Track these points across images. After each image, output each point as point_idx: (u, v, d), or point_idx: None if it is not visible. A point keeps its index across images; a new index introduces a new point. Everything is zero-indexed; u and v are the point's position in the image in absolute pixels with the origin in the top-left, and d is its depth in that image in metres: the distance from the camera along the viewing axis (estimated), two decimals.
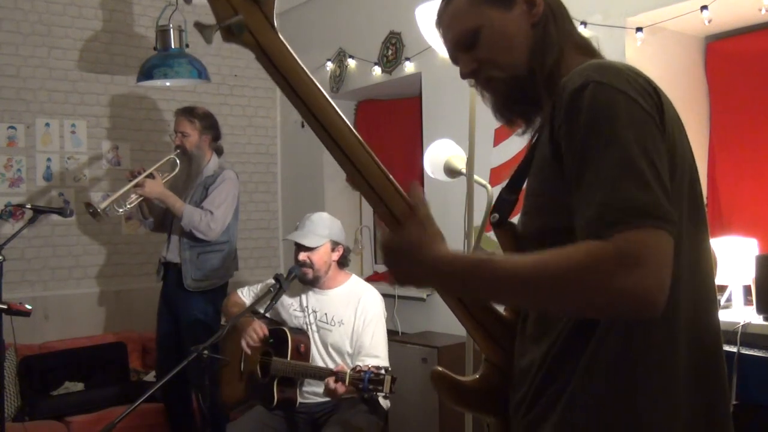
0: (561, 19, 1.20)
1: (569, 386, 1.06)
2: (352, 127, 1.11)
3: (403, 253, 1.08)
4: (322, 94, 1.06)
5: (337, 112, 1.08)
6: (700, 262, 1.09)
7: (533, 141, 1.23)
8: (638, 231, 0.93)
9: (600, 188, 0.97)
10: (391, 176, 1.12)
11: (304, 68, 1.04)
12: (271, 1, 0.99)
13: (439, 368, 1.25)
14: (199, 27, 0.97)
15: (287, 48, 1.01)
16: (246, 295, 3.25)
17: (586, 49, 1.21)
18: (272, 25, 0.99)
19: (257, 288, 3.26)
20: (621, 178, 0.95)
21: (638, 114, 1.00)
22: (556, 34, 1.18)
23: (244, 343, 2.97)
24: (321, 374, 2.78)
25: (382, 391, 2.56)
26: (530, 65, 1.17)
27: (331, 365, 2.91)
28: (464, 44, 1.20)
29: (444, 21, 1.24)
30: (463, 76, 1.24)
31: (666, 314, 1.03)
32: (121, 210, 3.74)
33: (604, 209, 0.95)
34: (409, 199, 1.13)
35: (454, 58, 1.25)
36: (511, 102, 1.20)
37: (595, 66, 1.07)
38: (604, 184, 0.96)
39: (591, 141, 0.99)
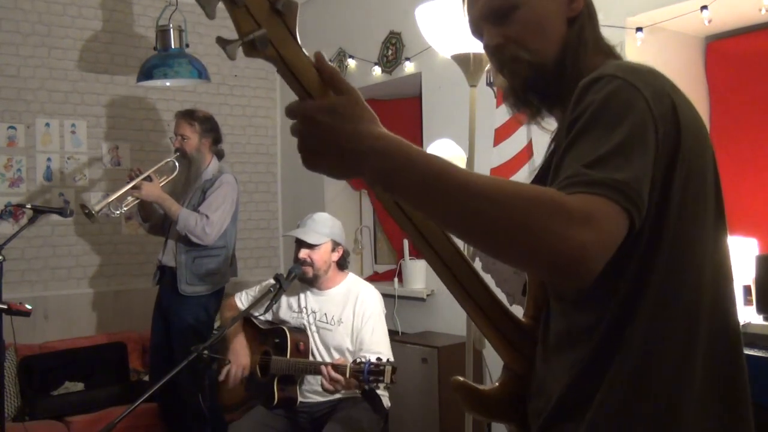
0: (594, 21, 1.20)
1: (594, 401, 1.05)
2: None
3: (334, 125, 0.92)
4: None
5: None
6: (722, 265, 1.09)
7: (551, 148, 1.22)
8: (607, 201, 0.92)
9: (583, 158, 0.96)
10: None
11: None
12: (294, 13, 0.95)
13: (460, 378, 1.22)
14: (222, 43, 0.92)
15: (311, 62, 0.98)
16: (244, 300, 3.24)
17: (611, 54, 1.20)
18: (295, 38, 0.96)
19: (255, 290, 3.26)
20: (609, 159, 0.95)
21: (643, 114, 0.99)
22: (591, 34, 1.17)
23: (223, 374, 2.99)
24: (321, 369, 2.78)
25: (383, 381, 2.56)
26: (561, 59, 1.15)
27: None
28: (496, 16, 1.16)
29: None
30: (486, 48, 1.20)
31: (688, 320, 1.03)
32: (117, 212, 3.73)
33: (580, 173, 0.94)
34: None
35: (478, 28, 1.20)
36: (529, 88, 1.17)
37: (613, 65, 1.06)
38: (589, 156, 0.96)
39: (590, 124, 0.99)
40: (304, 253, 2.99)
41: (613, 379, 1.03)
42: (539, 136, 1.34)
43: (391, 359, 2.76)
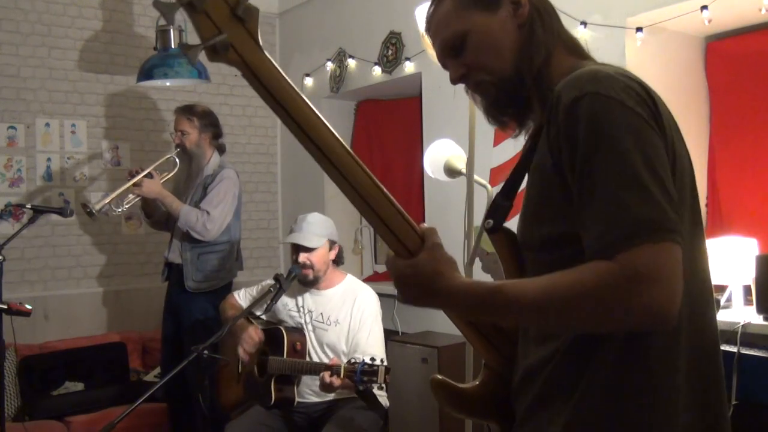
0: (548, 18, 1.20)
1: (577, 390, 1.06)
2: (345, 145, 1.09)
3: (417, 282, 1.07)
4: (313, 111, 1.05)
5: (329, 129, 1.06)
6: (697, 265, 1.10)
7: (527, 147, 1.24)
8: (645, 247, 0.94)
9: (604, 205, 0.97)
10: (394, 200, 1.11)
11: (293, 85, 1.03)
12: (255, 18, 0.99)
13: (439, 376, 1.24)
14: (185, 47, 0.97)
15: (274, 65, 1.01)
16: (243, 298, 3.25)
17: (574, 48, 1.21)
18: (257, 42, 0.99)
19: (254, 290, 3.26)
20: (625, 193, 0.96)
21: (636, 122, 1.00)
22: (543, 33, 1.18)
23: (240, 350, 2.96)
24: (316, 369, 2.78)
25: (376, 381, 2.57)
26: (517, 66, 1.17)
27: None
28: (452, 50, 1.21)
29: (431, 27, 1.24)
30: (453, 81, 1.24)
31: None
32: (119, 209, 3.73)
33: (609, 227, 0.96)
34: (418, 227, 1.11)
35: (444, 64, 1.26)
36: (502, 105, 1.20)
37: (588, 75, 1.06)
38: (608, 200, 0.97)
39: (592, 155, 0.99)
40: (303, 257, 3.00)
41: (597, 369, 1.05)
42: None
43: (385, 361, 2.77)
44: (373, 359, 2.62)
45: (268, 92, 1.01)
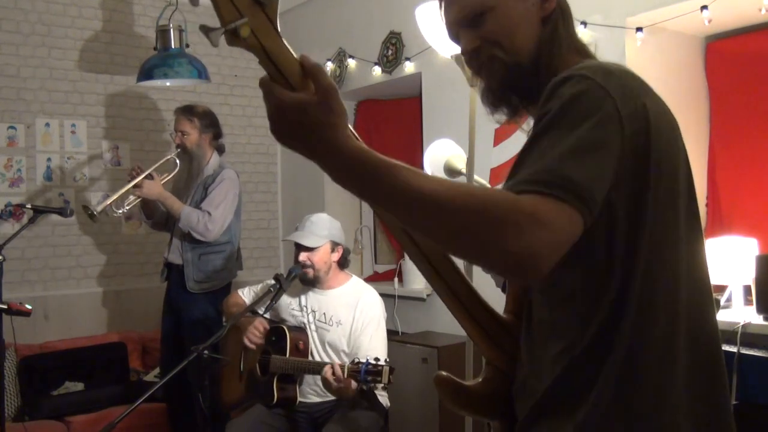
0: (569, 20, 1.21)
1: (585, 393, 1.06)
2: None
3: (300, 122, 0.95)
4: None
5: None
6: (696, 266, 1.10)
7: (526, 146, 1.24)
8: (557, 201, 0.94)
9: (541, 159, 0.98)
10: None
11: None
12: (275, 3, 0.97)
13: (443, 373, 1.23)
14: (205, 30, 0.95)
15: (291, 52, 1.00)
16: (246, 296, 3.27)
17: (585, 53, 1.21)
18: (276, 29, 0.98)
19: (257, 288, 3.27)
20: (565, 158, 0.96)
21: (607, 113, 1.00)
22: (565, 33, 1.19)
23: (246, 341, 2.98)
24: (319, 369, 2.78)
25: (380, 381, 2.57)
26: (536, 58, 1.16)
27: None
28: (471, 20, 1.18)
29: None
30: (464, 52, 1.22)
31: (668, 317, 1.05)
32: (120, 211, 3.74)
33: (536, 175, 0.96)
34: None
35: (455, 33, 1.23)
36: (507, 87, 1.19)
37: (586, 64, 1.08)
38: (547, 158, 0.97)
39: (553, 124, 1.01)
40: (303, 256, 3.00)
41: (605, 379, 1.05)
42: None
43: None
44: (377, 359, 2.63)
45: (286, 80, 0.98)
